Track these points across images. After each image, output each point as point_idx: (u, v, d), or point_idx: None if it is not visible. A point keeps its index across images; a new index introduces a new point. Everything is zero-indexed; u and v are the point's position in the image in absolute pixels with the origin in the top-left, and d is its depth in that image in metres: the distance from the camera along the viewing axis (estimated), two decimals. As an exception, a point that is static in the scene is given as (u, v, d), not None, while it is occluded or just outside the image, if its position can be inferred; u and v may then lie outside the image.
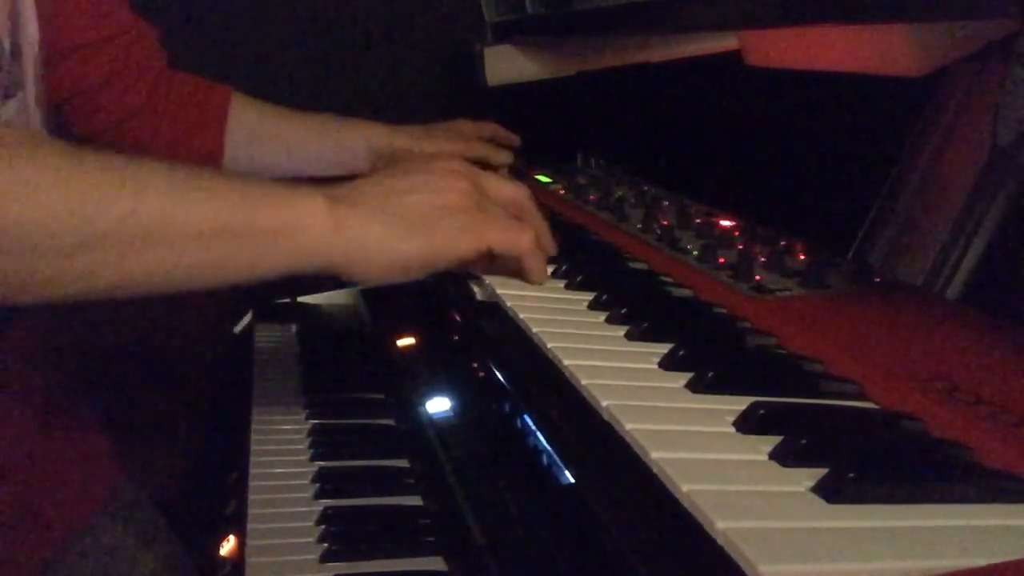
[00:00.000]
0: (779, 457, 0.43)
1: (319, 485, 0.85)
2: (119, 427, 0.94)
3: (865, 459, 0.43)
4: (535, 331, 0.59)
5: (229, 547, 0.83)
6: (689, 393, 0.51)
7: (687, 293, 0.71)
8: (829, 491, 0.39)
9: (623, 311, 0.63)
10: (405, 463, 0.91)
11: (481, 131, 1.13)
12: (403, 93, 1.44)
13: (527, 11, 1.12)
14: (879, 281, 0.73)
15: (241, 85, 1.06)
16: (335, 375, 1.10)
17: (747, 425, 0.46)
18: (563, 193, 1.08)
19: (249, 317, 1.24)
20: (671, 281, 0.73)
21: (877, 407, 0.51)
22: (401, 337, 1.05)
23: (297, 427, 0.97)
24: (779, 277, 0.72)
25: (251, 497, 0.83)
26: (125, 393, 0.96)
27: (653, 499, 0.40)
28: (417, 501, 0.84)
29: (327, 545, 0.76)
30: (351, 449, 0.92)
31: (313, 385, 1.07)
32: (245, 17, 1.36)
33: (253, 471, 0.87)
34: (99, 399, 0.93)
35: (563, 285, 0.70)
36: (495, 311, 0.68)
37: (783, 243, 0.81)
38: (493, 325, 0.68)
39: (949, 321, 0.67)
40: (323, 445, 0.92)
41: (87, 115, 0.93)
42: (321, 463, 0.89)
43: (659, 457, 0.41)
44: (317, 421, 0.98)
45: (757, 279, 0.72)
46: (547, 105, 1.29)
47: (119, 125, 0.97)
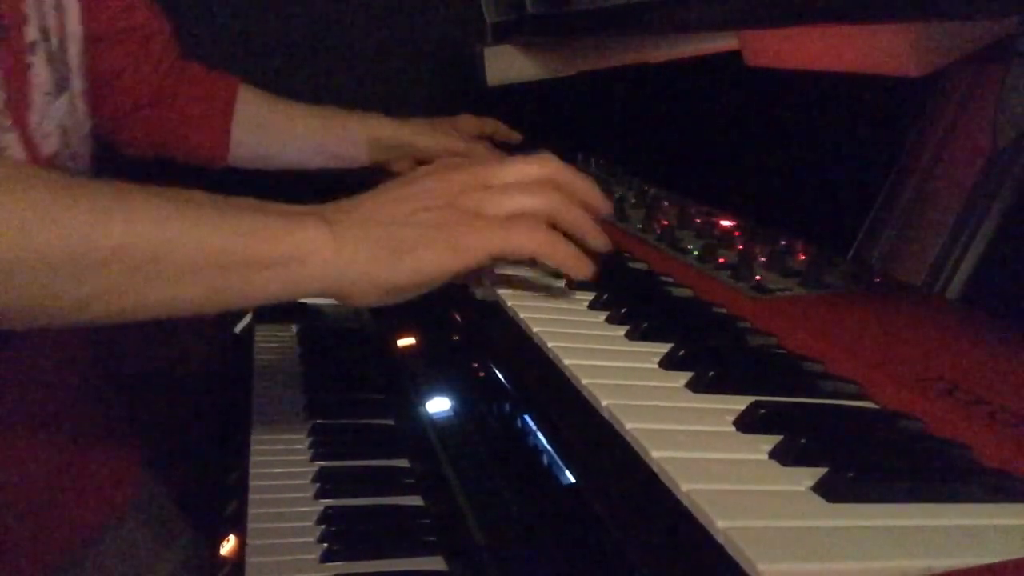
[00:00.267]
0: (779, 456, 0.43)
1: (319, 485, 0.85)
2: (139, 426, 0.94)
3: (865, 458, 0.43)
4: (535, 331, 0.59)
5: (229, 547, 0.83)
6: (689, 393, 0.51)
7: (687, 293, 0.71)
8: (829, 490, 0.39)
9: (623, 311, 0.63)
10: (405, 463, 0.91)
11: (483, 127, 1.13)
12: (403, 93, 1.44)
13: (527, 11, 1.12)
14: (879, 281, 0.73)
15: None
16: (335, 375, 1.10)
17: (747, 424, 0.46)
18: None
19: (249, 317, 1.24)
20: (671, 281, 0.73)
21: (877, 407, 0.51)
22: (401, 337, 1.05)
23: (297, 427, 0.97)
24: (779, 277, 0.72)
25: (251, 497, 0.83)
26: (128, 393, 0.95)
27: (653, 499, 0.41)
28: (417, 501, 0.84)
29: (327, 545, 0.76)
30: (351, 449, 0.93)
31: (313, 385, 1.07)
32: (245, 17, 1.37)
33: (253, 471, 0.88)
34: (118, 399, 0.93)
35: (563, 285, 0.70)
36: (495, 311, 0.68)
37: (783, 243, 0.81)
38: (493, 325, 0.68)
39: (949, 321, 0.67)
40: (323, 445, 0.92)
41: (99, 103, 0.92)
42: (321, 463, 0.89)
43: (659, 456, 0.41)
44: (317, 421, 0.98)
45: (757, 279, 0.72)
46: (547, 105, 1.29)
47: (131, 115, 0.97)
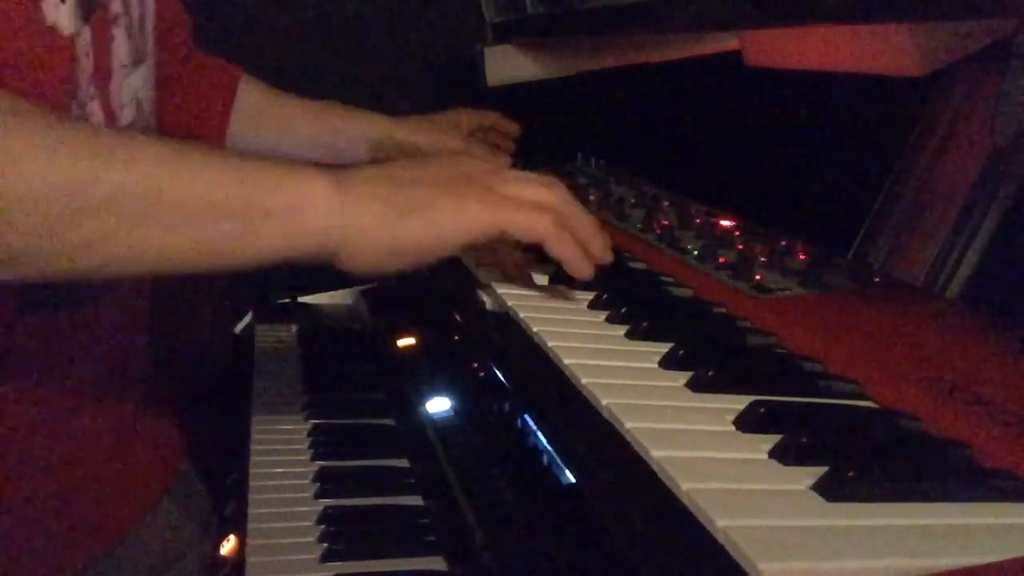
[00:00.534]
0: (779, 456, 0.43)
1: (319, 485, 0.85)
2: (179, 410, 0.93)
3: (865, 458, 0.43)
4: (536, 331, 0.59)
5: (229, 547, 0.83)
6: (689, 392, 0.51)
7: (687, 293, 0.71)
8: (829, 490, 0.39)
9: (623, 310, 0.63)
10: (405, 463, 0.91)
11: (483, 119, 1.11)
12: (403, 93, 1.44)
13: (527, 11, 1.12)
14: (879, 281, 0.73)
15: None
16: (335, 375, 1.10)
17: (747, 424, 0.46)
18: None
19: (249, 317, 1.24)
20: (671, 281, 0.73)
21: (877, 406, 0.51)
22: (401, 337, 1.05)
23: (297, 427, 0.97)
24: (779, 277, 0.72)
25: (251, 497, 0.83)
26: (169, 379, 0.94)
27: (653, 498, 0.41)
28: (417, 501, 0.84)
29: (327, 545, 0.76)
30: (351, 449, 0.93)
31: (313, 385, 1.07)
32: (245, 17, 1.37)
33: (253, 471, 0.87)
34: (161, 384, 0.92)
35: (563, 285, 0.70)
36: (495, 311, 0.68)
37: (783, 243, 0.81)
38: (493, 325, 0.68)
39: (949, 321, 0.67)
40: (323, 445, 0.92)
41: None
42: (321, 463, 0.89)
43: (659, 456, 0.41)
44: (317, 421, 0.98)
45: (757, 279, 0.72)
46: (547, 105, 1.29)
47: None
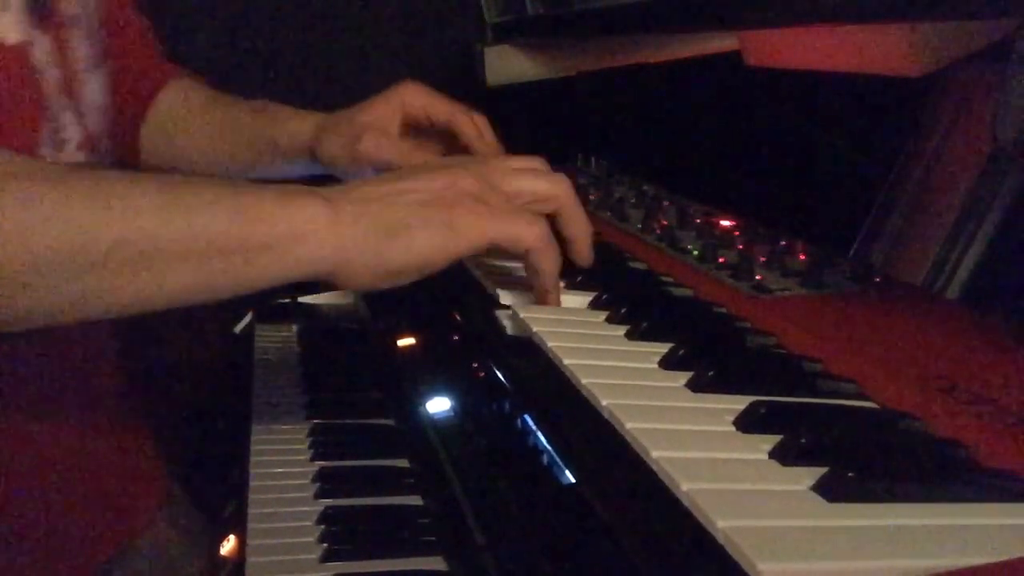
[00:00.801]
0: (779, 456, 0.43)
1: (319, 485, 0.85)
2: (160, 429, 0.94)
3: (865, 458, 0.43)
4: (535, 330, 0.59)
5: (229, 547, 0.83)
6: (689, 392, 0.51)
7: (687, 293, 0.71)
8: (829, 490, 0.39)
9: (623, 311, 0.63)
10: (405, 463, 0.91)
11: (429, 110, 0.90)
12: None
13: (527, 11, 1.12)
14: (879, 281, 0.73)
15: (239, 85, 1.05)
16: (335, 375, 1.10)
17: (747, 424, 0.46)
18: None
19: (249, 317, 1.24)
20: (671, 281, 0.73)
21: (877, 406, 0.51)
22: (401, 337, 1.05)
23: (297, 427, 0.96)
24: (779, 277, 0.72)
25: (251, 497, 0.83)
26: (146, 395, 0.94)
27: (653, 498, 0.40)
28: (417, 501, 0.84)
29: (327, 545, 0.76)
30: (351, 449, 0.92)
31: (313, 385, 1.07)
32: (244, 17, 1.37)
33: (253, 471, 0.87)
34: (140, 401, 0.92)
35: (563, 285, 0.70)
36: (495, 312, 0.68)
37: (783, 243, 0.81)
38: (493, 325, 0.68)
39: (949, 321, 0.67)
40: (323, 445, 0.92)
41: None
42: (321, 463, 0.89)
43: (659, 456, 0.41)
44: (317, 421, 0.98)
45: (757, 279, 0.72)
46: (547, 105, 1.29)
47: None
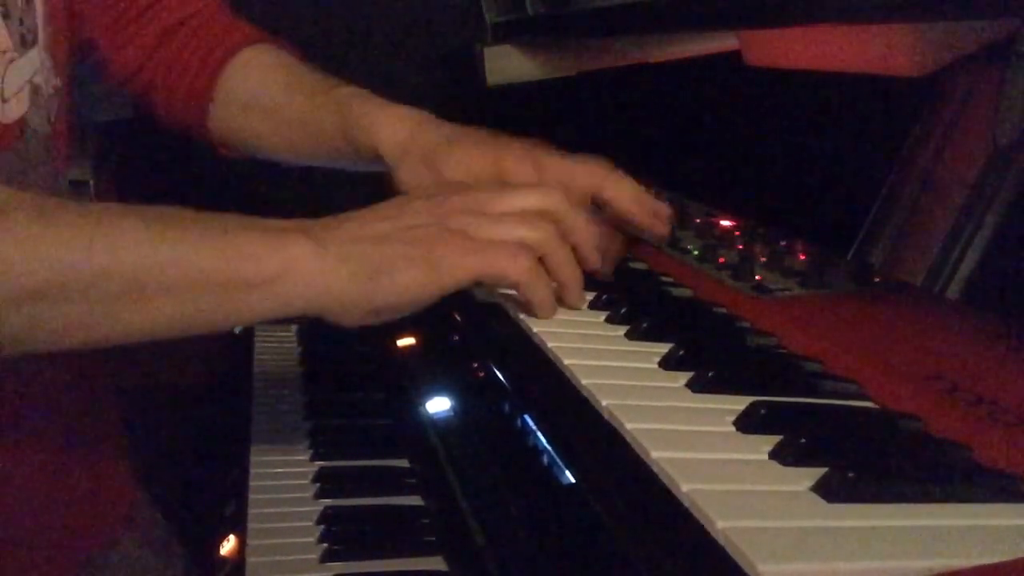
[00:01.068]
0: (779, 456, 0.43)
1: (319, 485, 0.85)
2: (132, 438, 0.93)
3: (865, 458, 0.43)
4: (535, 331, 0.59)
5: (229, 547, 0.83)
6: (689, 393, 0.51)
7: (687, 293, 0.71)
8: (829, 490, 0.39)
9: (623, 311, 0.63)
10: (405, 463, 0.91)
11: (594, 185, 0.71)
12: (403, 94, 1.44)
13: (527, 11, 1.12)
14: (879, 281, 0.73)
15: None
16: (335, 375, 1.10)
17: (747, 424, 0.46)
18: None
19: (249, 317, 1.24)
20: (671, 281, 0.73)
21: (877, 407, 0.51)
22: (401, 337, 1.05)
23: (297, 427, 0.97)
24: (779, 277, 0.72)
25: (251, 497, 0.83)
26: (121, 408, 0.94)
27: (653, 499, 0.40)
28: (417, 501, 0.84)
29: (327, 545, 0.76)
30: (351, 449, 0.92)
31: (313, 385, 1.07)
32: (244, 17, 1.36)
33: (253, 471, 0.88)
34: (110, 407, 0.92)
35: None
36: (495, 311, 0.68)
37: (783, 243, 0.81)
38: (493, 325, 0.68)
39: (949, 321, 0.67)
40: (323, 445, 0.92)
41: (121, 44, 0.86)
42: (321, 463, 0.89)
43: (659, 456, 0.41)
44: (317, 421, 0.98)
45: (757, 279, 0.72)
46: (547, 105, 1.29)
47: (132, 78, 0.89)
